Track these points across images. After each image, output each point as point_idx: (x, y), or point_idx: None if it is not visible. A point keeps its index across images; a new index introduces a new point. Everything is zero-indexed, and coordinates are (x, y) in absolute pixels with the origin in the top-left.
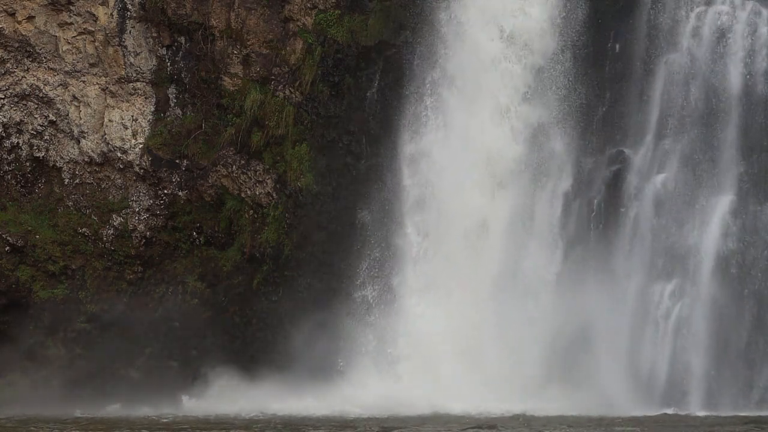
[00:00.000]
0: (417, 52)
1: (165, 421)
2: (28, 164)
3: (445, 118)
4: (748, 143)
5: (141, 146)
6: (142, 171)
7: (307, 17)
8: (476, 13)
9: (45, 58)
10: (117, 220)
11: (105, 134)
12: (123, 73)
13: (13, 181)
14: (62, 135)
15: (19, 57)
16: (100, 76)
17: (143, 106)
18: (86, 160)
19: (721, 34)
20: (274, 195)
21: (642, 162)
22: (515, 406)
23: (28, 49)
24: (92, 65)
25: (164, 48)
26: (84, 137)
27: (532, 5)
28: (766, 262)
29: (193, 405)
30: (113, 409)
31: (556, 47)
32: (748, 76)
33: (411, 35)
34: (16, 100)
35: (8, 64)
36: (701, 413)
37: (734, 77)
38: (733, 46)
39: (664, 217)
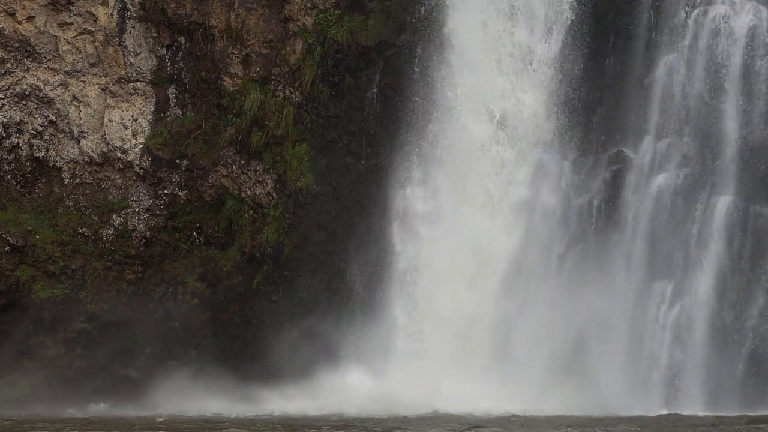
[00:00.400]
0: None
1: (164, 420)
2: (28, 164)
3: (434, 199)
4: (748, 143)
5: (141, 146)
6: (142, 171)
7: (307, 17)
8: (465, 91)
9: (45, 58)
10: (117, 220)
11: (105, 134)
12: (123, 73)
13: (13, 181)
14: (62, 135)
15: (19, 57)
16: (100, 76)
17: (143, 106)
18: (86, 160)
19: (721, 34)
20: (274, 195)
21: (642, 162)
22: (515, 406)
23: (28, 49)
24: (92, 65)
25: (164, 48)
26: (84, 137)
27: (524, 90)
28: (766, 263)
29: (193, 404)
30: (103, 408)
31: (553, 130)
32: (747, 75)
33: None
34: (16, 100)
35: (8, 64)
36: (701, 413)
37: (734, 76)
38: (733, 46)
39: (664, 217)
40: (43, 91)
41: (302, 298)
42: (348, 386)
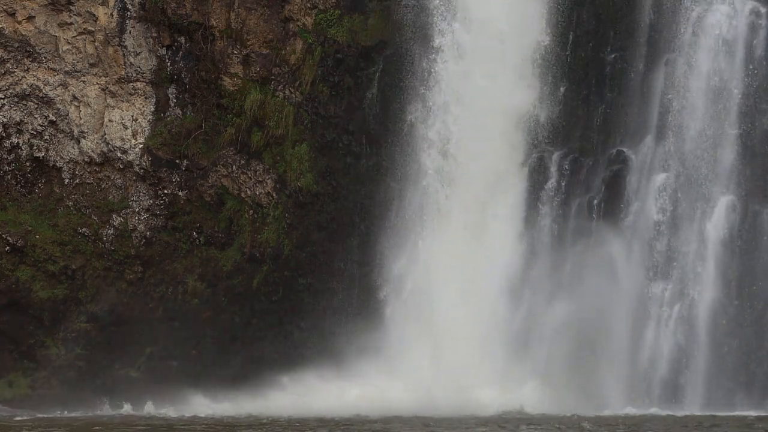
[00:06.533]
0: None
1: (164, 420)
2: (28, 164)
3: None
4: (748, 143)
5: (141, 146)
6: (142, 171)
7: (307, 17)
8: None
9: (45, 58)
10: (117, 220)
11: (105, 134)
12: (123, 73)
13: (13, 181)
14: (62, 135)
15: (19, 57)
16: (100, 76)
17: (143, 106)
18: (86, 160)
19: (722, 34)
20: (274, 195)
21: (642, 162)
22: (515, 405)
23: (28, 49)
24: (92, 65)
25: (164, 48)
26: (84, 137)
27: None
28: (766, 263)
29: (193, 404)
30: (105, 410)
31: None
32: (748, 75)
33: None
34: (16, 100)
35: (8, 64)
36: (701, 413)
37: (735, 76)
38: (734, 45)
39: (664, 217)
40: (43, 91)
41: (302, 298)
42: (348, 386)
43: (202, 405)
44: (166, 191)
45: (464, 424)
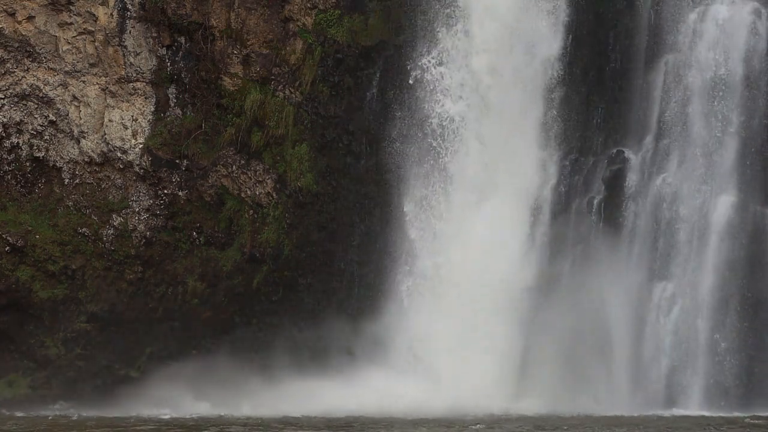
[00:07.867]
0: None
1: (163, 420)
2: (28, 164)
3: None
4: (748, 143)
5: (141, 146)
6: (142, 171)
7: (307, 17)
8: None
9: (45, 58)
10: (117, 220)
11: (105, 134)
12: (123, 73)
13: (13, 181)
14: (62, 135)
15: (19, 57)
16: (100, 76)
17: (143, 106)
18: (86, 160)
19: (721, 34)
20: (274, 195)
21: (642, 162)
22: (515, 405)
23: (28, 49)
24: (92, 65)
25: (164, 48)
26: (84, 137)
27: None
28: (766, 263)
29: (192, 404)
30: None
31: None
32: (748, 75)
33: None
34: (16, 100)
35: (8, 64)
36: (701, 413)
37: (734, 76)
38: (734, 45)
39: (664, 217)
40: (43, 91)
41: (302, 298)
42: (348, 387)
43: (201, 405)
44: (166, 191)
45: (466, 425)
